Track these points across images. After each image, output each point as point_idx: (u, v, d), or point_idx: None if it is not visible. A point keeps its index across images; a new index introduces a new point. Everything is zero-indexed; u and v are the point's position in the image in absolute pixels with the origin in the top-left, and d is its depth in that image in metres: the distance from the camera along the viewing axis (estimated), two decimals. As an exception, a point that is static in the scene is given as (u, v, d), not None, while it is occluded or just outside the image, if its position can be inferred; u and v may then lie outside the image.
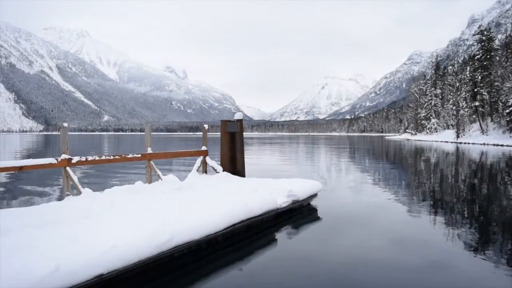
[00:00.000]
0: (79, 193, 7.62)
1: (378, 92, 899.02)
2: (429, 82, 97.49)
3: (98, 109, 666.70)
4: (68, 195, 7.64)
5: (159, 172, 9.79)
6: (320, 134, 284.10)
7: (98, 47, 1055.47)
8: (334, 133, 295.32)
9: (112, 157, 8.80)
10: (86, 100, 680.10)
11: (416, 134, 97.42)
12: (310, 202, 9.79)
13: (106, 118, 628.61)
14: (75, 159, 7.85)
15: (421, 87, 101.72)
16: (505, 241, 6.94)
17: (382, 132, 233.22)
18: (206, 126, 11.95)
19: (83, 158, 8.03)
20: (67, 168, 7.73)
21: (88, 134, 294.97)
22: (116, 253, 4.56)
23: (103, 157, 8.60)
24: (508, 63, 60.88)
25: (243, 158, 11.72)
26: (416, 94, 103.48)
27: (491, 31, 71.37)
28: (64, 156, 7.71)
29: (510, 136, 53.00)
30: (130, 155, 9.20)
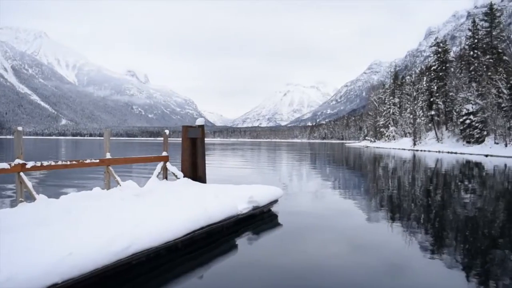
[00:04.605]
0: (34, 199, 7.37)
1: (339, 100, 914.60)
2: (388, 91, 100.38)
3: (56, 112, 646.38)
4: (21, 201, 7.37)
5: (118, 178, 9.61)
6: (282, 140, 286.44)
7: (57, 48, 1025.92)
8: (296, 140, 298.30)
9: (69, 163, 8.56)
10: (42, 103, 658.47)
11: (375, 141, 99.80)
12: (271, 208, 9.84)
13: (63, 122, 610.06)
14: (30, 164, 7.59)
15: (380, 96, 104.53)
16: (458, 244, 7.21)
17: (342, 139, 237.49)
18: (167, 131, 11.84)
19: (38, 163, 7.77)
20: (21, 173, 7.47)
21: (44, 138, 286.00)
22: (71, 261, 4.43)
23: (60, 163, 8.36)
24: (462, 74, 63.44)
25: (204, 164, 11.68)
26: (375, 103, 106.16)
27: (447, 43, 74.37)
28: (18, 161, 7.45)
29: (463, 144, 55.10)
30: (88, 161, 8.99)
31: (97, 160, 9.25)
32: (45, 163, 7.91)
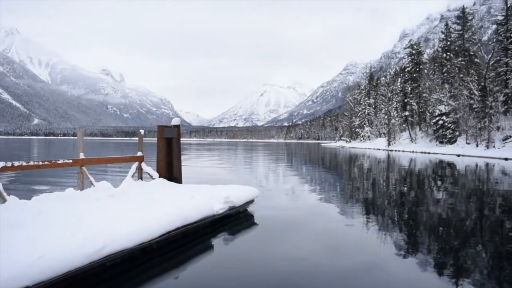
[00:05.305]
0: (4, 201, 7.19)
1: (315, 100, 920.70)
2: (363, 92, 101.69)
3: (28, 111, 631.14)
4: (-9, 203, 7.19)
5: (92, 179, 9.46)
6: (259, 140, 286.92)
7: (29, 46, 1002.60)
8: (272, 140, 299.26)
9: (41, 163, 8.38)
10: (14, 102, 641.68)
11: (350, 141, 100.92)
12: (247, 208, 9.85)
13: (36, 121, 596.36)
14: (0, 165, 7.41)
15: (355, 97, 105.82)
16: (432, 244, 7.34)
17: (318, 139, 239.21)
18: (142, 131, 11.72)
19: (9, 164, 7.58)
20: (-9, 174, 7.29)
21: (16, 138, 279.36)
22: (43, 264, 4.34)
23: (31, 163, 8.17)
24: (435, 76, 64.80)
25: (180, 164, 11.61)
26: (351, 103, 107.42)
27: (420, 45, 75.94)
28: (-13, 161, 7.26)
29: (436, 144, 56.22)
30: (61, 161, 8.82)
31: (70, 161, 9.09)
32: (16, 164, 7.73)
